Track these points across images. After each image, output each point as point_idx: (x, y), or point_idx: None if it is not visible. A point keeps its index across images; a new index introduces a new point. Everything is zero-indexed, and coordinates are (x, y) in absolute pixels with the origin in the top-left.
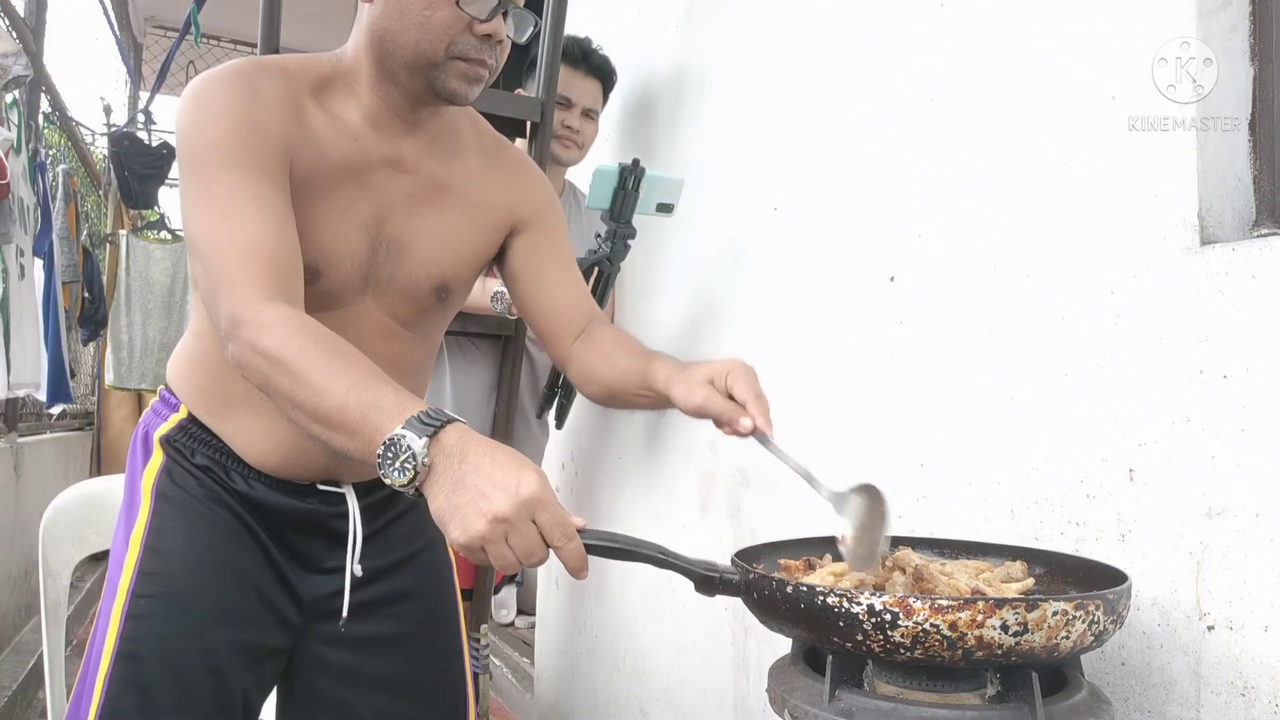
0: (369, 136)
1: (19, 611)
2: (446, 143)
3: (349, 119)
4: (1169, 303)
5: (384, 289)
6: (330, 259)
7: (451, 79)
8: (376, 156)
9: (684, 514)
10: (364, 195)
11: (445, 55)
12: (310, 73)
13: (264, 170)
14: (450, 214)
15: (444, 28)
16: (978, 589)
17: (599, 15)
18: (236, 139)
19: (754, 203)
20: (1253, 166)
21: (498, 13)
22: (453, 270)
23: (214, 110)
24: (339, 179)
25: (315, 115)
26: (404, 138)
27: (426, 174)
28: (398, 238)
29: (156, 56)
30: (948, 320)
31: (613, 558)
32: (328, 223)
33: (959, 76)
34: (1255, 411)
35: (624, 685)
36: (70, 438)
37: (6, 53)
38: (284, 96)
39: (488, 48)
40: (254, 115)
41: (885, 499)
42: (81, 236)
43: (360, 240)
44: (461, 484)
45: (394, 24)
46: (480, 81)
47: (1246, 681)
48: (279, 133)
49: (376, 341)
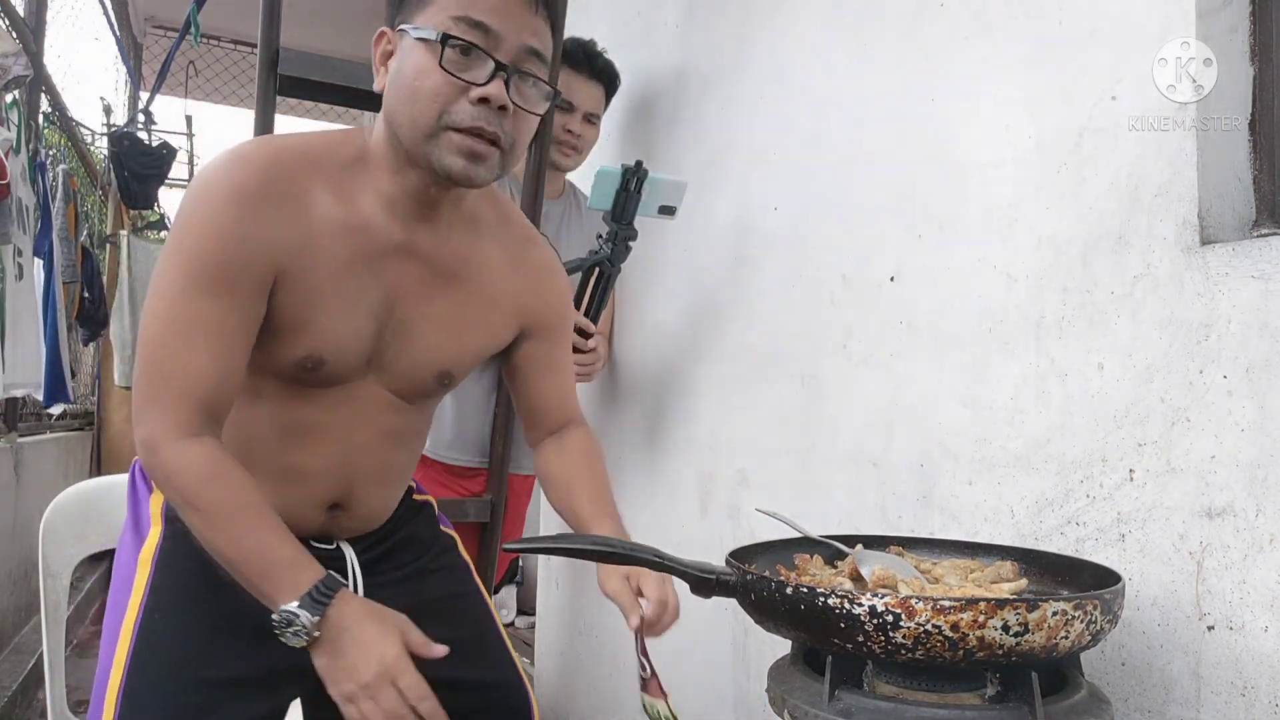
0: (382, 224)
1: (19, 611)
2: (466, 232)
3: (364, 207)
4: (1169, 303)
5: (387, 370)
6: (335, 347)
7: (445, 153)
8: (389, 244)
9: (684, 514)
10: (374, 282)
11: (438, 126)
12: (334, 157)
13: (238, 295)
14: (460, 304)
15: (433, 95)
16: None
17: (599, 15)
18: (225, 255)
19: (754, 203)
20: (1253, 166)
21: (493, 77)
22: (456, 358)
23: (213, 218)
24: (348, 270)
25: (327, 209)
26: (420, 223)
27: (440, 261)
28: (404, 322)
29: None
30: (948, 320)
31: (608, 562)
32: (334, 312)
33: (959, 76)
34: (1255, 411)
35: (624, 685)
36: (70, 438)
37: (6, 53)
38: (294, 194)
39: (487, 116)
40: (248, 228)
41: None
42: (81, 236)
43: (367, 325)
44: (340, 652)
45: (394, 101)
46: (482, 158)
47: (1246, 681)
48: (276, 242)
49: (376, 416)
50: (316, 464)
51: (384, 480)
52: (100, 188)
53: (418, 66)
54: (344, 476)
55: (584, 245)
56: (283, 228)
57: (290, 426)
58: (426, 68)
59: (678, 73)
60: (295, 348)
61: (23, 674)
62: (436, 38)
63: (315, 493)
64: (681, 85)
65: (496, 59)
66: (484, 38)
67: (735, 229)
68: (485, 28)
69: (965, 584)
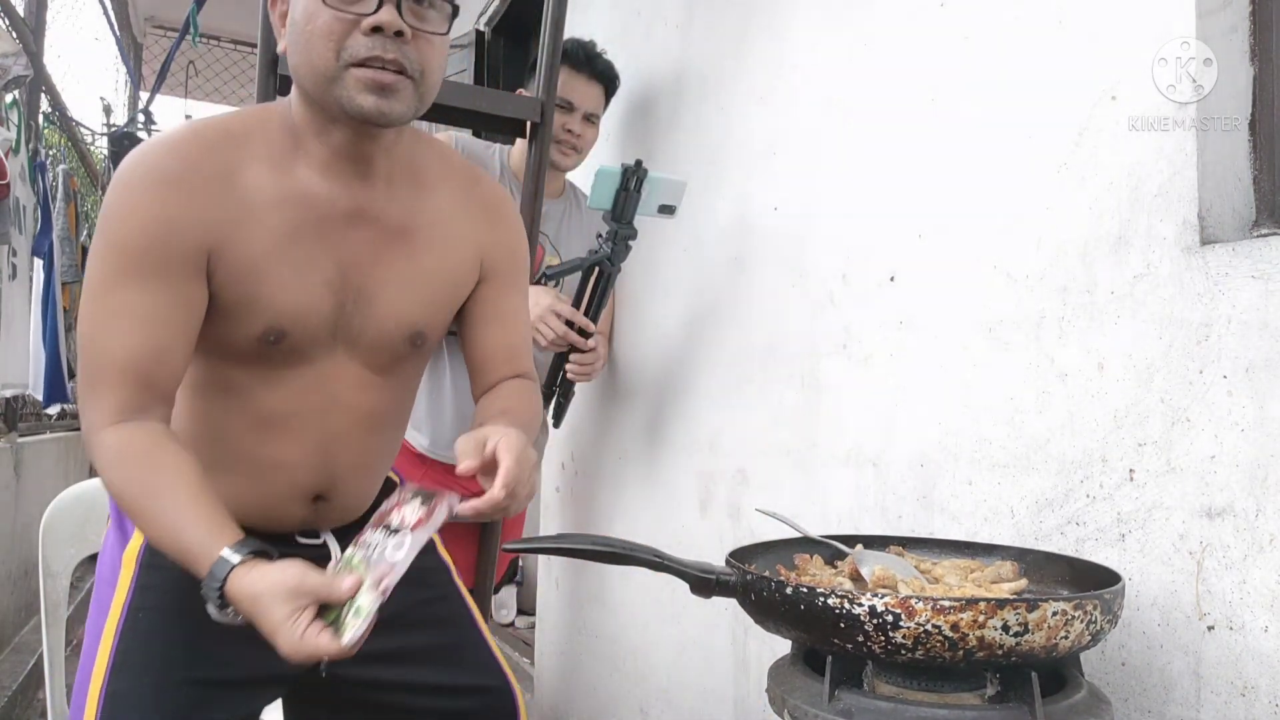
0: (321, 190)
1: (19, 612)
2: (408, 183)
3: (299, 176)
4: (1169, 303)
5: (355, 341)
6: (294, 318)
7: (352, 92)
8: (332, 210)
9: (684, 514)
10: (324, 251)
11: (338, 65)
12: (261, 131)
13: (167, 278)
14: (418, 259)
15: (326, 34)
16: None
17: (599, 15)
18: (147, 240)
19: (754, 203)
20: (1253, 166)
21: (382, 3)
22: (425, 316)
23: (133, 205)
24: (292, 240)
25: (259, 181)
26: (359, 182)
27: (389, 220)
28: (363, 289)
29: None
30: (948, 320)
31: (608, 562)
32: (286, 284)
33: (959, 76)
34: (1255, 411)
35: (624, 685)
36: (70, 438)
37: (6, 53)
38: (219, 173)
39: (383, 44)
40: (173, 211)
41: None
42: (81, 236)
43: (324, 296)
44: (255, 621)
45: (294, 55)
46: (391, 89)
47: (1246, 681)
48: (204, 222)
49: (351, 394)
50: (295, 454)
51: (365, 467)
52: (100, 188)
53: (306, 10)
54: (325, 465)
55: (585, 244)
56: (210, 207)
57: (266, 417)
58: (314, 9)
59: (678, 73)
60: (253, 323)
61: (23, 674)
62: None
63: (297, 484)
64: (681, 85)
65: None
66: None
67: (735, 229)
68: None
69: (965, 584)
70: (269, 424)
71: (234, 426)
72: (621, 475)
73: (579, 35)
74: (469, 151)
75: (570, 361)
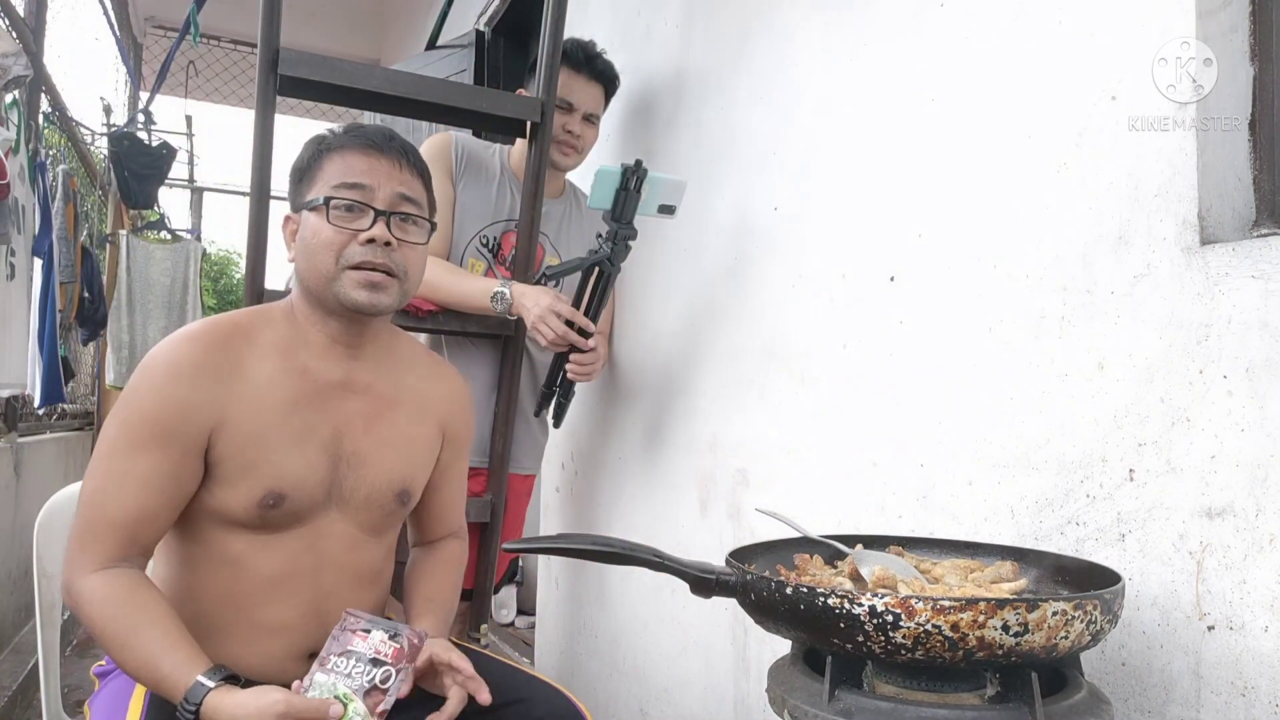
0: (318, 367)
1: (19, 612)
2: (389, 362)
3: (298, 357)
4: (1169, 303)
5: (348, 501)
6: (293, 481)
7: (348, 289)
8: (327, 383)
9: (684, 514)
10: (321, 419)
11: (337, 268)
12: (266, 322)
13: (170, 451)
14: (402, 426)
15: (328, 245)
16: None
17: (599, 15)
18: (155, 417)
19: (754, 203)
20: (1253, 166)
21: (375, 222)
22: (411, 475)
23: (156, 388)
24: (291, 410)
25: (262, 364)
26: (351, 362)
27: (377, 391)
28: (356, 452)
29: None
30: (948, 320)
31: (608, 562)
32: (286, 449)
33: (959, 76)
34: (1255, 411)
35: (624, 685)
36: (70, 438)
37: (6, 53)
38: (230, 361)
39: (375, 252)
40: (188, 395)
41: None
42: (81, 236)
43: (321, 459)
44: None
45: (301, 262)
46: (381, 286)
47: (1246, 681)
48: (211, 405)
49: (342, 554)
50: (291, 615)
51: None
52: (100, 188)
53: (313, 228)
54: (319, 624)
55: (585, 244)
56: (220, 391)
57: (263, 582)
58: (319, 226)
59: (678, 73)
60: (253, 489)
61: (23, 674)
62: (323, 201)
63: (294, 644)
64: (681, 85)
65: (375, 208)
66: (361, 193)
67: (735, 229)
68: (361, 186)
69: (965, 584)
70: (266, 588)
71: (233, 594)
72: (621, 475)
73: (579, 35)
74: (469, 151)
75: (570, 361)
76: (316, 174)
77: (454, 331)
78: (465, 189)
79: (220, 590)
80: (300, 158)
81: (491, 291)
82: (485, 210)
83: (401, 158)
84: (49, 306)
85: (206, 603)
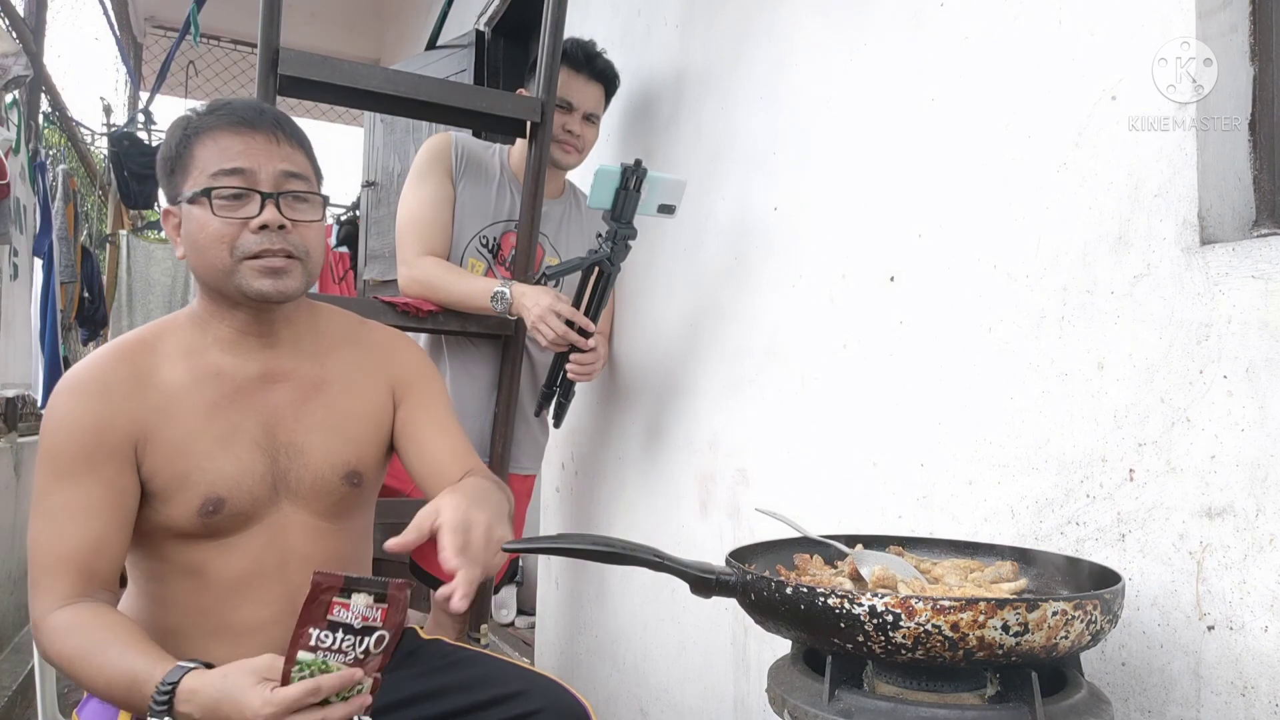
0: (231, 364)
1: (19, 611)
2: (312, 343)
3: (209, 357)
4: (1169, 303)
5: (295, 492)
6: (229, 484)
7: (250, 280)
8: (245, 378)
9: (684, 514)
10: (245, 416)
11: (233, 260)
12: (170, 332)
13: (99, 473)
14: (336, 405)
15: (218, 238)
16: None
17: (599, 15)
18: (78, 447)
19: (754, 203)
20: (1253, 166)
21: (264, 206)
22: (355, 455)
23: (62, 415)
24: (211, 413)
25: (173, 373)
26: (266, 351)
27: (302, 377)
28: (292, 441)
29: (156, 56)
30: (948, 320)
31: (607, 562)
32: (214, 453)
33: (959, 76)
34: (1255, 411)
35: (624, 685)
36: None
37: (6, 53)
38: (135, 375)
39: (270, 238)
40: (99, 414)
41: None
42: (81, 236)
43: (255, 455)
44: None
45: (193, 258)
46: (283, 272)
47: (1246, 681)
48: (127, 418)
49: (305, 545)
50: (265, 613)
51: None
52: (100, 188)
53: (199, 221)
54: (295, 619)
55: (584, 245)
56: (130, 406)
57: (228, 586)
58: (205, 219)
59: (678, 73)
60: (190, 499)
61: (23, 674)
62: (203, 193)
63: (271, 642)
64: (681, 85)
65: (260, 191)
66: (242, 178)
67: (735, 229)
68: (240, 170)
69: (965, 584)
70: (234, 591)
71: (202, 602)
72: (621, 475)
73: (579, 35)
74: (469, 151)
75: (570, 361)
76: (189, 162)
77: (454, 331)
78: (465, 189)
79: (189, 600)
80: (167, 144)
81: (491, 291)
82: (485, 210)
83: (277, 130)
84: (50, 306)
85: (179, 614)
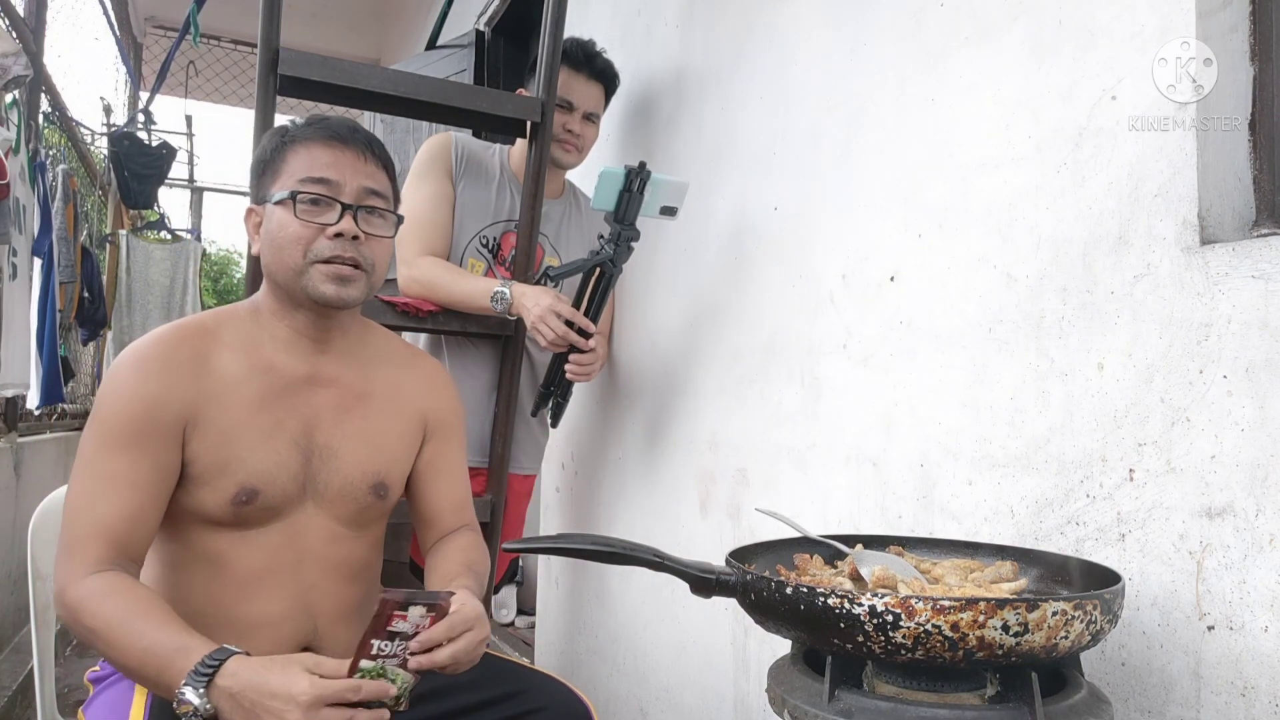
0: (284, 362)
1: (19, 612)
2: (361, 355)
3: (265, 352)
4: (1169, 303)
5: (322, 494)
6: (265, 477)
7: (317, 282)
8: (294, 378)
9: (684, 514)
10: (289, 414)
11: (305, 263)
12: (230, 321)
13: (147, 447)
14: (374, 418)
15: (296, 239)
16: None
17: (599, 15)
18: (133, 417)
19: (754, 203)
20: (1253, 166)
21: (342, 216)
22: (385, 468)
23: (121, 388)
24: (260, 407)
25: (229, 361)
26: (319, 355)
27: (347, 385)
28: (328, 445)
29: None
30: (948, 320)
31: (608, 562)
32: (255, 445)
33: (959, 76)
34: (1255, 411)
35: (624, 685)
36: (70, 438)
37: (6, 53)
38: (194, 358)
39: (343, 246)
40: (157, 391)
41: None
42: (81, 236)
43: (292, 453)
44: (250, 714)
45: (268, 255)
46: (349, 280)
47: (1246, 681)
48: (182, 399)
49: (322, 547)
50: (276, 609)
51: (348, 616)
52: (100, 188)
53: (280, 221)
54: (306, 618)
55: (584, 245)
56: (186, 386)
57: (244, 578)
58: (286, 220)
59: (678, 73)
60: (227, 486)
61: (23, 674)
62: (289, 195)
63: (283, 639)
64: (681, 85)
65: (341, 201)
66: (327, 188)
67: (735, 229)
68: (326, 180)
69: (965, 584)
70: (249, 584)
71: (215, 592)
72: (621, 475)
73: (579, 35)
74: (469, 152)
75: (570, 361)
76: (281, 167)
77: (454, 331)
78: (465, 189)
79: (204, 588)
80: (263, 149)
81: (491, 291)
82: (485, 210)
83: (366, 150)
84: (49, 306)
85: (193, 602)
